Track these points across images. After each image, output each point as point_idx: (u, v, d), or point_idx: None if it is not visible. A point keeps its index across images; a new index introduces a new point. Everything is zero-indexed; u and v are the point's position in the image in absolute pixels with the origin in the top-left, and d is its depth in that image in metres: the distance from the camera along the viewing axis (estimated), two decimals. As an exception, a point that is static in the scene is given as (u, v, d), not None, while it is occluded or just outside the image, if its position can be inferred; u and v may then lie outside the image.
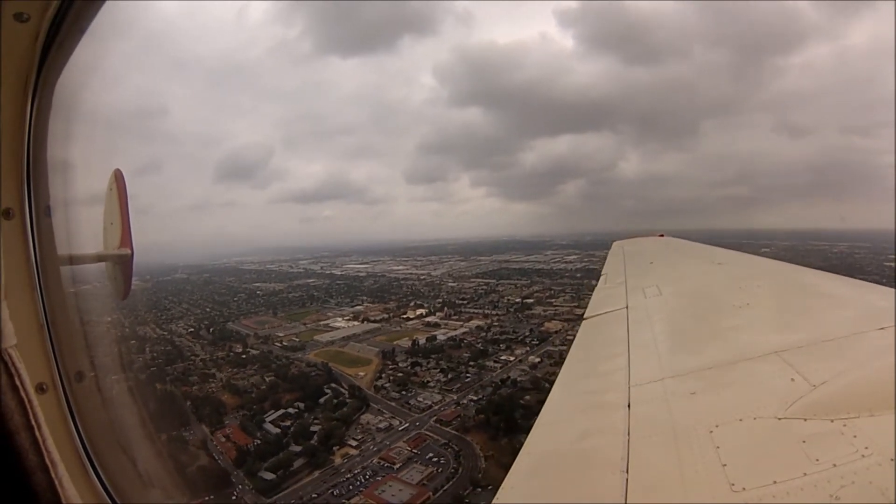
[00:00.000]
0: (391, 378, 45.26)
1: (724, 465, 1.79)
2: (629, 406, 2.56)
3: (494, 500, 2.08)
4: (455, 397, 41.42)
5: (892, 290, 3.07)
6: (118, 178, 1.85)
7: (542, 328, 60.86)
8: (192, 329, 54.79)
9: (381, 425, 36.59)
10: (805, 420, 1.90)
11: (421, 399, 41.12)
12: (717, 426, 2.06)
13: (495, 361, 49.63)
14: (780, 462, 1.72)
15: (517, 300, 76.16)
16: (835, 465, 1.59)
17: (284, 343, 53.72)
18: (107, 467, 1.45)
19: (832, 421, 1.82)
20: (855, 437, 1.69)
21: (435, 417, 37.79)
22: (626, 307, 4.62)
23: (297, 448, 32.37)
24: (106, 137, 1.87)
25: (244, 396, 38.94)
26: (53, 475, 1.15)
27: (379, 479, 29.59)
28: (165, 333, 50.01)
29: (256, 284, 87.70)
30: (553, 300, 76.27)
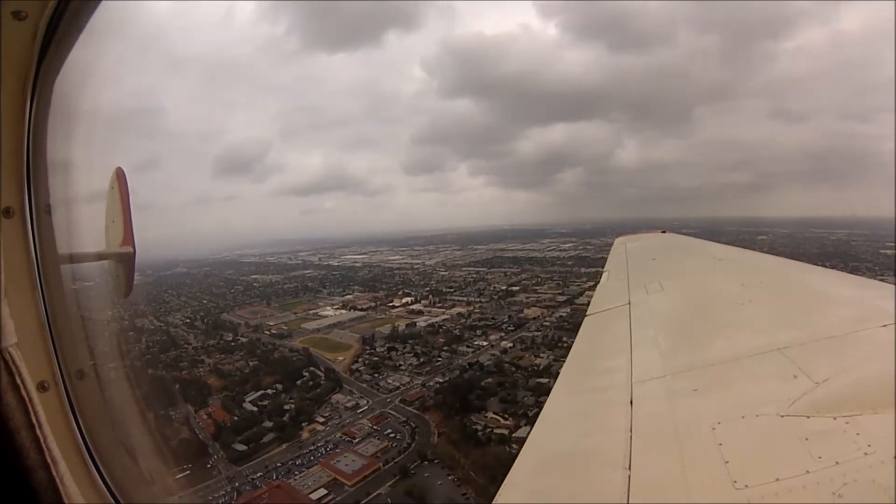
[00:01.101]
0: (366, 362, 48.71)
1: (727, 462, 1.80)
2: (631, 403, 2.55)
3: (497, 498, 2.10)
4: (422, 380, 44.58)
5: (895, 286, 3.05)
6: (120, 176, 1.86)
7: (521, 315, 63.33)
8: (188, 320, 59.16)
9: (349, 404, 40.16)
10: (807, 417, 1.89)
11: (390, 381, 44.44)
12: (719, 423, 2.06)
13: (468, 346, 52.36)
14: (782, 459, 1.72)
15: (503, 288, 78.58)
16: (837, 463, 1.59)
17: (273, 331, 57.61)
18: (108, 465, 1.46)
19: (835, 418, 1.82)
20: (857, 434, 1.69)
21: (400, 398, 41.14)
22: (629, 304, 4.63)
23: (270, 424, 36.17)
24: (106, 134, 1.86)
25: (228, 379, 42.94)
26: (55, 473, 1.16)
27: (337, 451, 33.20)
28: (162, 325, 54.21)
29: (254, 276, 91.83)
30: (538, 287, 78.56)
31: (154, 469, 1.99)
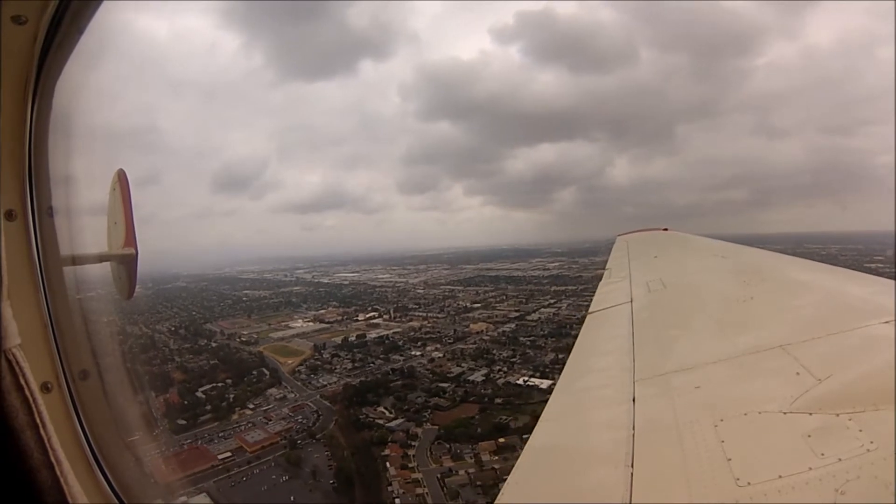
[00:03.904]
0: (309, 365, 58.98)
1: (729, 459, 1.85)
2: (634, 401, 2.62)
3: (499, 497, 2.16)
4: (348, 380, 54.32)
5: None
6: (121, 177, 1.91)
7: (467, 329, 71.80)
8: (174, 328, 71.74)
9: (279, 396, 50.59)
10: (810, 414, 1.94)
11: (321, 380, 54.48)
12: (721, 420, 2.12)
13: (401, 355, 61.03)
14: (785, 456, 1.77)
15: (466, 304, 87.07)
16: (840, 460, 1.63)
17: (243, 339, 69.12)
18: (112, 465, 1.51)
19: (837, 415, 1.86)
20: (860, 431, 1.74)
21: (321, 393, 51.14)
22: (631, 301, 4.74)
23: (209, 407, 47.18)
24: (107, 137, 1.95)
25: (189, 374, 54.50)
26: (58, 473, 1.20)
27: (252, 427, 43.61)
28: (148, 331, 66.89)
29: (246, 291, 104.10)
30: (499, 305, 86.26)
31: (157, 468, 2.23)
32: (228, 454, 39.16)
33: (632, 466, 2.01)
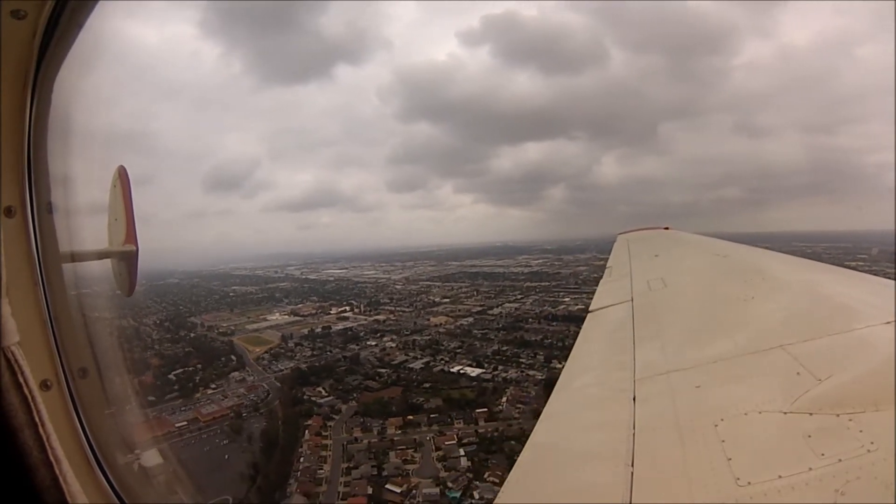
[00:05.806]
0: (273, 353, 67.19)
1: (730, 459, 1.88)
2: (634, 399, 2.68)
3: (499, 496, 2.19)
4: (304, 365, 62.29)
5: None
6: (122, 174, 1.94)
7: (427, 322, 78.95)
8: (159, 321, 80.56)
9: (239, 378, 59.08)
10: (811, 414, 1.97)
11: (280, 366, 62.68)
12: (722, 420, 2.16)
13: (357, 345, 68.33)
14: (785, 456, 1.80)
15: (436, 299, 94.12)
16: (840, 461, 1.66)
17: (221, 330, 77.45)
18: (111, 463, 1.53)
19: (838, 416, 1.89)
20: (861, 431, 1.77)
21: (276, 376, 59.35)
22: (631, 300, 4.84)
23: (177, 387, 55.96)
24: (104, 134, 1.96)
25: (165, 359, 63.39)
26: (57, 472, 1.21)
27: (210, 403, 52.21)
28: (136, 324, 75.77)
29: (234, 287, 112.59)
30: (467, 300, 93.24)
31: (157, 467, 2.17)
32: (184, 423, 47.76)
33: (632, 465, 2.06)
